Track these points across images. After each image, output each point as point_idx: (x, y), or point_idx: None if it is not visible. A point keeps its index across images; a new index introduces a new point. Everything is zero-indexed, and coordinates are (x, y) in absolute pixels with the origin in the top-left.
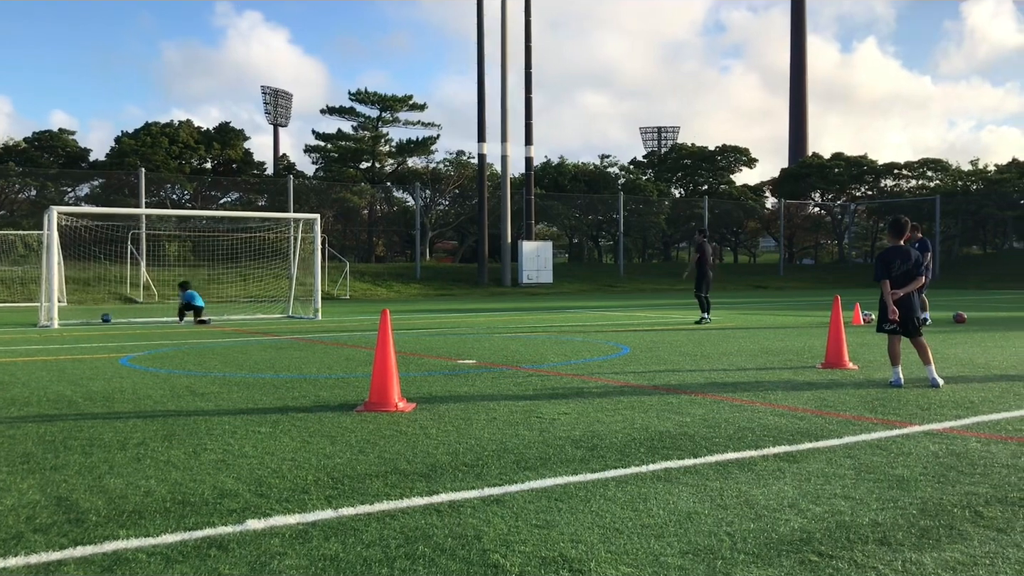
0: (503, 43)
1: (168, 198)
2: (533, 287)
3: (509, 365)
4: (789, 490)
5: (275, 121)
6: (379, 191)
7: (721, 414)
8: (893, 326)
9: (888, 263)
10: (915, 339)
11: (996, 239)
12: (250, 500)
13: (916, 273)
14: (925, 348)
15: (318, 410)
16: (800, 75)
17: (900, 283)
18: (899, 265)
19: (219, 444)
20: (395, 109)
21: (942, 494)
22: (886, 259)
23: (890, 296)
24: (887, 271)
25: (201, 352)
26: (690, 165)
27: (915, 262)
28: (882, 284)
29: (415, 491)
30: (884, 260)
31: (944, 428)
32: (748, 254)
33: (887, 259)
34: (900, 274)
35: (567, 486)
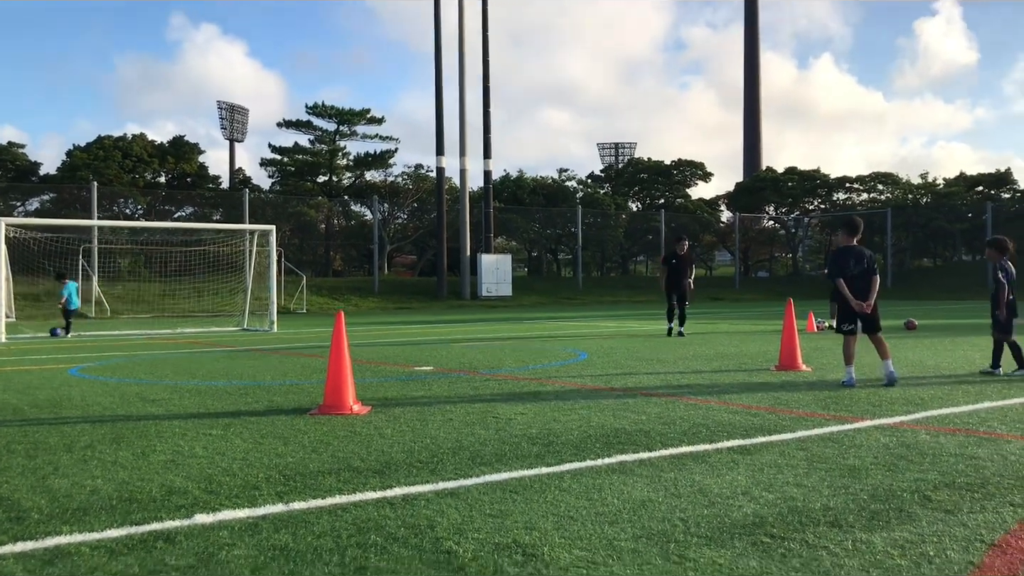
0: (460, 58)
1: (121, 212)
2: (492, 300)
3: (466, 371)
4: (742, 479)
5: (231, 136)
6: (336, 205)
7: (677, 412)
8: (852, 326)
9: (843, 262)
10: (875, 335)
11: (946, 251)
12: (199, 497)
13: (872, 272)
14: (883, 343)
15: (271, 414)
16: (754, 91)
17: (856, 283)
18: (854, 265)
19: (168, 446)
20: (353, 123)
21: (892, 481)
22: (840, 258)
23: (848, 293)
24: (841, 270)
25: (153, 362)
26: (647, 179)
27: (869, 261)
28: (837, 282)
29: (368, 486)
30: (838, 259)
31: (895, 423)
32: (704, 267)
33: (841, 258)
34: (856, 274)
35: (522, 479)
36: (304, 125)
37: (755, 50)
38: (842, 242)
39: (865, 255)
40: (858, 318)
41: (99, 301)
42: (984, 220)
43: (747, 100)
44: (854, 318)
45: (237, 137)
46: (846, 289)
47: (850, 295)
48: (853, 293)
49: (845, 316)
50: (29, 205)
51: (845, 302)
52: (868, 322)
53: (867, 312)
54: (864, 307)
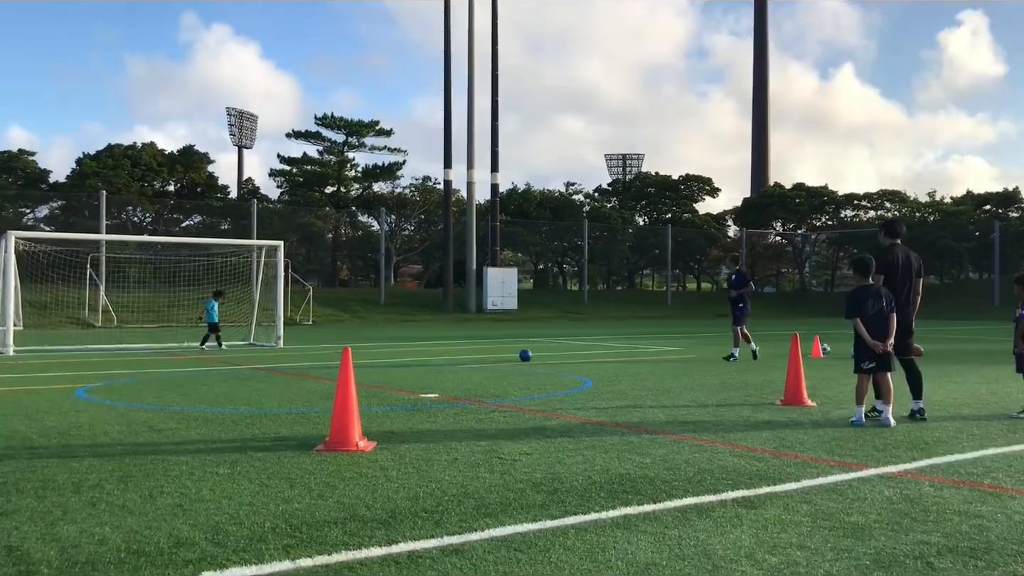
0: (470, 69)
1: (130, 221)
2: (498, 313)
3: (472, 399)
4: (746, 539)
5: (240, 143)
6: (344, 215)
7: (681, 455)
8: (872, 365)
9: (861, 301)
10: (885, 375)
11: (952, 270)
12: (206, 550)
13: (891, 310)
14: (889, 386)
15: (277, 448)
16: (762, 105)
17: (874, 322)
18: (872, 304)
19: (176, 487)
20: (361, 134)
21: (895, 543)
22: (858, 297)
23: (865, 333)
24: (859, 309)
25: (160, 383)
26: (654, 193)
27: (887, 299)
28: (855, 323)
29: (374, 540)
30: (856, 298)
31: (899, 471)
32: (711, 282)
33: (859, 298)
34: (874, 313)
35: (527, 534)
36: (313, 136)
37: (764, 63)
38: (858, 281)
39: (883, 294)
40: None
41: (106, 310)
42: (992, 239)
43: (755, 114)
44: (872, 357)
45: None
46: (863, 329)
47: (868, 337)
48: (870, 332)
49: (863, 355)
50: (39, 212)
51: (862, 342)
52: (884, 361)
53: (887, 352)
54: (883, 347)
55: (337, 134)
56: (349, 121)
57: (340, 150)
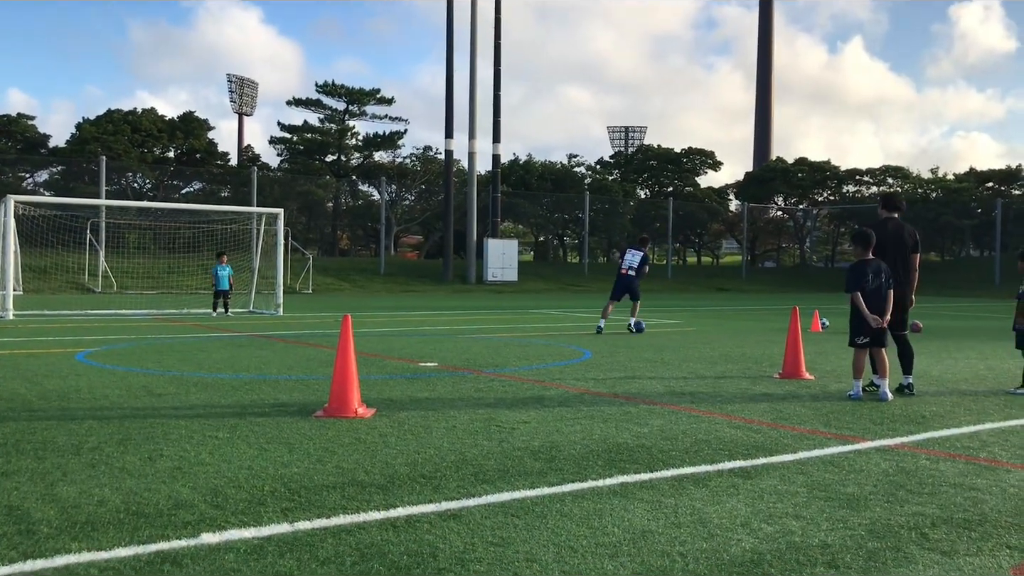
0: (472, 38)
1: (129, 187)
2: (498, 285)
3: (471, 369)
4: (742, 508)
5: (240, 110)
6: (344, 184)
7: (679, 425)
8: (866, 340)
9: (861, 275)
10: (880, 350)
11: (954, 247)
12: (205, 512)
13: (889, 287)
14: (885, 361)
15: (277, 414)
16: (766, 77)
17: (873, 297)
18: (872, 278)
19: (175, 450)
20: (362, 103)
21: (891, 514)
22: (859, 272)
23: (864, 308)
24: (858, 283)
25: (160, 348)
26: (656, 166)
27: (886, 275)
28: (854, 296)
29: (372, 504)
30: (856, 272)
31: (895, 444)
32: (711, 256)
33: (860, 272)
34: (873, 288)
35: (524, 500)
36: (314, 104)
37: (768, 35)
38: (856, 256)
39: (883, 269)
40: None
41: (105, 276)
42: (994, 216)
43: (759, 87)
44: (867, 332)
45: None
46: (863, 303)
47: (866, 310)
48: (869, 307)
49: (858, 329)
50: (38, 177)
51: (857, 315)
52: (878, 336)
53: (883, 327)
54: (881, 322)
55: (338, 102)
56: (350, 89)
57: (341, 118)
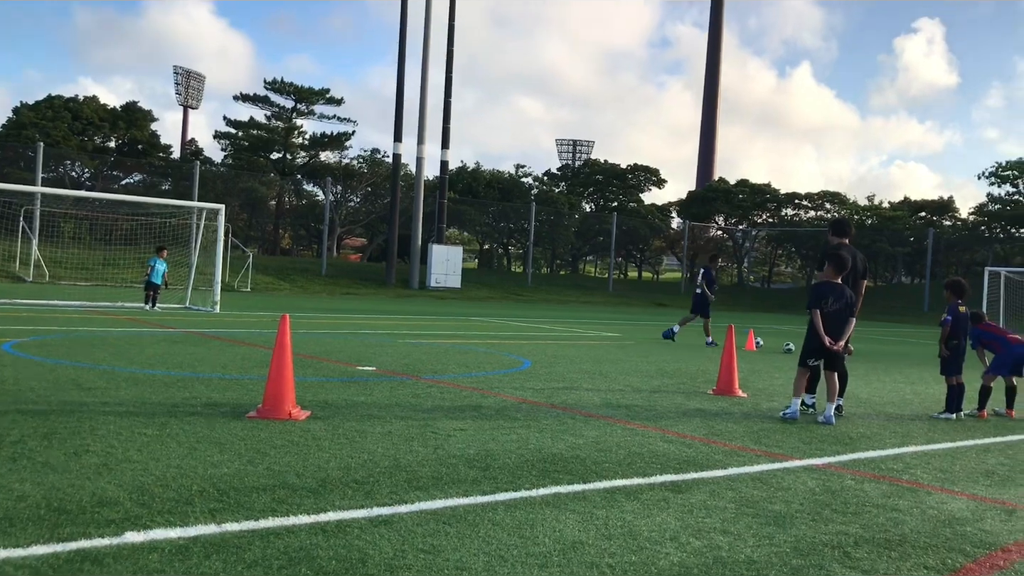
0: (425, 43)
1: (67, 175)
2: (440, 291)
3: (409, 374)
4: (672, 521)
5: (186, 103)
6: (289, 183)
7: (613, 438)
8: (818, 362)
9: (823, 295)
10: (832, 373)
11: (886, 273)
12: (131, 510)
13: (849, 314)
14: (835, 384)
15: (209, 413)
16: (713, 98)
17: (831, 319)
18: (832, 302)
19: (102, 446)
20: (311, 101)
21: (815, 532)
22: (822, 291)
23: (820, 327)
24: (818, 302)
25: (91, 341)
26: (602, 181)
27: (849, 300)
28: (813, 313)
29: (302, 508)
30: (819, 291)
31: (823, 464)
32: (652, 271)
33: (822, 291)
34: (832, 311)
35: (457, 508)
36: (261, 100)
37: (717, 56)
38: (828, 277)
39: (846, 294)
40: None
41: (38, 265)
42: (925, 245)
43: (706, 108)
44: (819, 354)
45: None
46: (819, 323)
47: (822, 331)
48: (826, 329)
49: (813, 351)
50: None
51: (814, 336)
52: (832, 359)
53: (837, 351)
54: (836, 346)
55: (286, 100)
56: (299, 87)
57: (289, 116)
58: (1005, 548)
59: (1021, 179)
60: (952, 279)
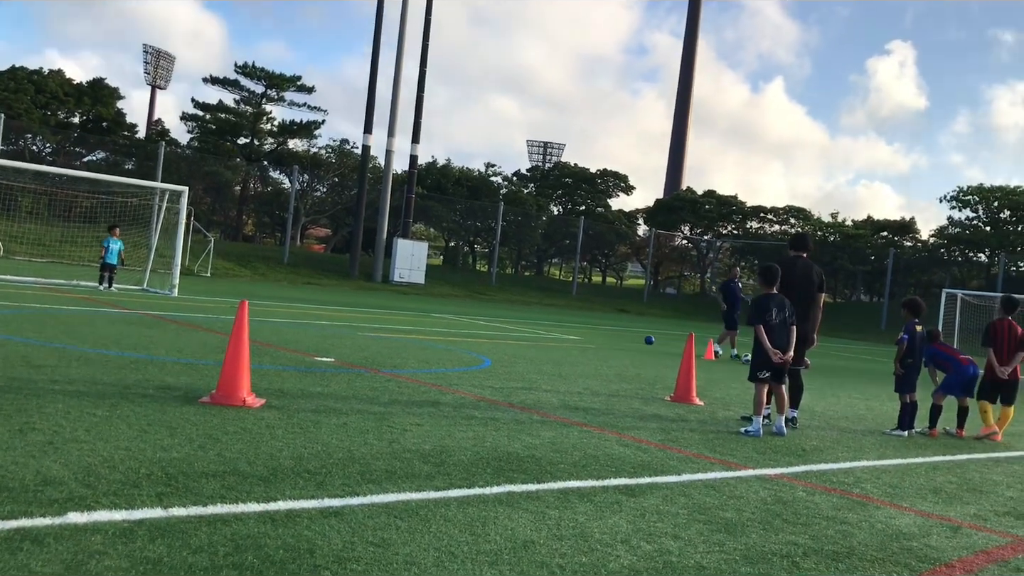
0: (400, 35)
1: (27, 148)
2: (403, 286)
3: (368, 367)
4: (624, 524)
5: (154, 83)
6: (255, 169)
7: (569, 439)
8: (767, 374)
9: (764, 309)
10: (779, 386)
11: (846, 290)
12: (75, 490)
13: (793, 322)
14: (784, 398)
15: (161, 397)
16: (684, 108)
17: (776, 332)
18: (776, 313)
19: (49, 424)
20: (282, 88)
21: (765, 541)
22: (762, 305)
23: (766, 343)
24: (761, 316)
25: (43, 319)
26: (571, 184)
27: (790, 311)
28: (757, 329)
29: (252, 496)
30: (760, 306)
31: (775, 474)
32: (616, 277)
33: (763, 305)
34: (777, 323)
35: (409, 503)
36: (231, 84)
37: (690, 67)
38: (762, 290)
39: (786, 305)
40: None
41: None
42: (886, 264)
43: (677, 118)
44: (769, 367)
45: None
46: (764, 338)
47: (768, 345)
48: (772, 342)
49: (761, 364)
50: None
51: (761, 350)
52: (779, 372)
53: (785, 363)
54: (784, 358)
55: (257, 85)
56: (270, 73)
57: (258, 102)
58: (949, 564)
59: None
60: (910, 298)
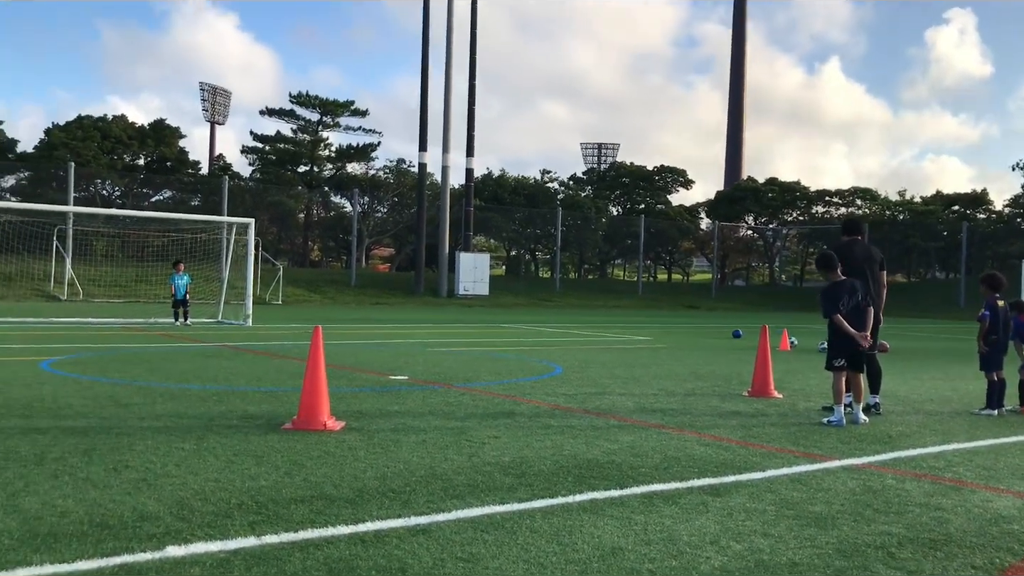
0: (448, 51)
1: (98, 194)
2: (469, 299)
3: (441, 383)
4: (712, 525)
5: (212, 119)
6: (316, 196)
7: (649, 442)
8: (843, 362)
9: (835, 298)
10: (856, 375)
11: (920, 269)
12: (171, 524)
13: (868, 304)
14: (861, 387)
15: (245, 426)
16: (738, 97)
17: (851, 317)
18: (848, 299)
19: (141, 461)
20: (336, 114)
21: (858, 533)
22: (833, 295)
23: (848, 328)
24: (835, 306)
25: (126, 358)
26: (628, 184)
27: (862, 294)
28: (835, 319)
29: (341, 518)
30: (830, 296)
31: (862, 463)
32: (682, 273)
33: (834, 295)
34: (851, 309)
35: (494, 516)
36: (287, 114)
37: (741, 54)
38: (826, 278)
39: (857, 288)
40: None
41: (72, 283)
42: (960, 239)
43: (731, 107)
44: (845, 354)
45: (218, 120)
46: (846, 324)
47: (852, 330)
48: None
49: (837, 351)
50: (5, 182)
51: (836, 337)
52: (856, 359)
53: (869, 344)
54: (868, 339)
55: (312, 113)
56: (324, 100)
57: (314, 129)
58: None
59: None
60: (988, 273)
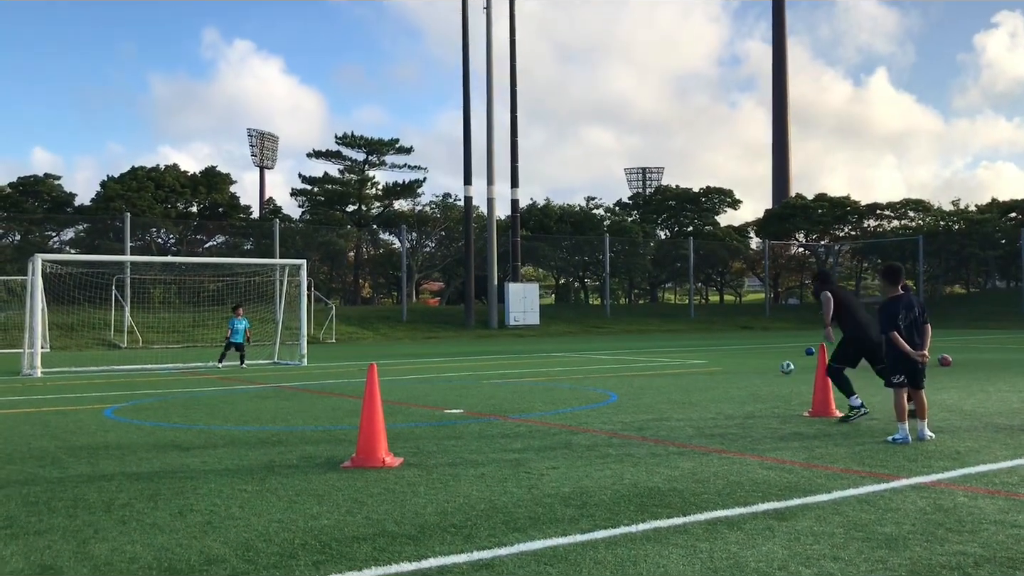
0: (488, 84)
1: (154, 242)
2: (520, 329)
3: (497, 415)
4: (779, 550)
5: (261, 164)
6: (365, 234)
7: (709, 468)
8: (902, 379)
9: (894, 314)
10: (918, 392)
11: (979, 278)
12: (237, 566)
13: (923, 322)
14: (924, 403)
15: (304, 466)
16: (782, 113)
17: (908, 334)
18: (905, 315)
19: (205, 504)
20: (382, 152)
21: (931, 554)
22: (891, 311)
23: (904, 345)
24: (893, 322)
25: (186, 403)
26: (675, 206)
27: (920, 310)
28: (892, 336)
29: (403, 555)
30: (888, 311)
31: (931, 481)
32: (734, 294)
33: (892, 311)
34: (907, 324)
35: (556, 548)
36: (334, 155)
37: (783, 70)
38: (885, 292)
39: (914, 303)
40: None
41: (131, 331)
42: (1018, 247)
43: (776, 124)
44: (905, 370)
45: (267, 164)
46: (902, 342)
47: (909, 348)
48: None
49: (895, 368)
50: (64, 235)
51: (894, 353)
52: (915, 376)
53: (925, 361)
54: (926, 356)
55: (358, 152)
56: (369, 140)
57: (361, 169)
58: None
59: None
60: None
